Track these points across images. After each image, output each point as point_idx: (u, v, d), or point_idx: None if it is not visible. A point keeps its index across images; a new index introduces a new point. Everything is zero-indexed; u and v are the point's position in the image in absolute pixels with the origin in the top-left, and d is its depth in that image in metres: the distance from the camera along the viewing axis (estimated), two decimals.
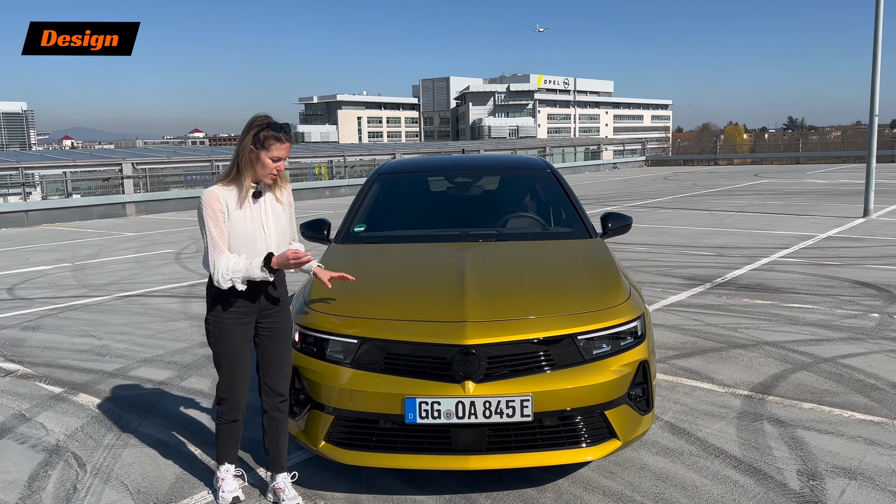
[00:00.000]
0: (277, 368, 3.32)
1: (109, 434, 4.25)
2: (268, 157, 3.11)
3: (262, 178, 3.16)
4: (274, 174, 3.16)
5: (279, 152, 3.12)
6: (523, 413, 3.09)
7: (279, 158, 3.13)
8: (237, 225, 3.13)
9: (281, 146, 3.12)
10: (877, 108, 13.03)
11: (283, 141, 3.11)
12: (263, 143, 3.09)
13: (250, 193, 3.17)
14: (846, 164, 35.27)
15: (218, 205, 3.12)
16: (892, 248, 9.92)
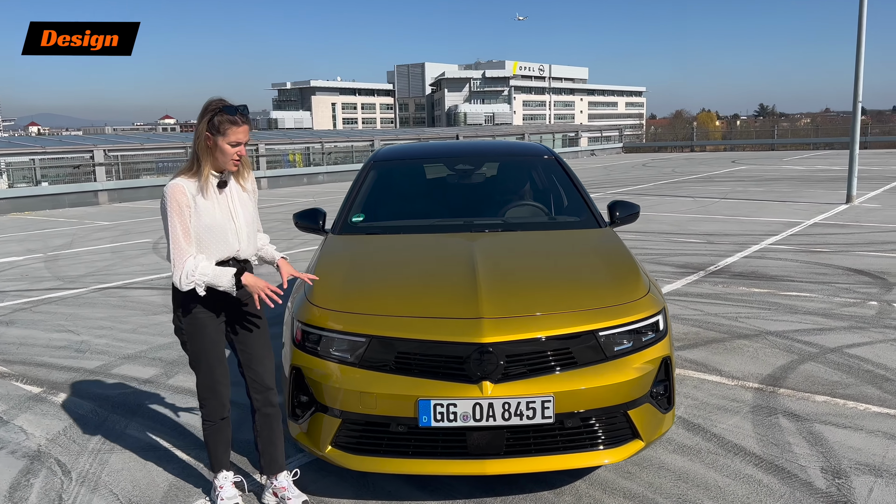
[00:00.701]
0: (261, 361, 3.17)
1: (94, 438, 4.01)
2: (226, 143, 2.90)
3: (224, 165, 2.95)
4: (236, 160, 2.95)
5: (237, 136, 2.90)
6: (544, 414, 2.92)
7: (238, 143, 2.92)
8: (205, 217, 2.93)
9: (238, 129, 2.90)
10: (860, 94, 13.03)
11: (239, 123, 2.89)
12: (219, 128, 2.88)
13: (215, 183, 2.98)
14: (820, 150, 35.64)
15: (183, 198, 2.89)
16: (879, 235, 9.92)
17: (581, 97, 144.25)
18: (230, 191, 3.03)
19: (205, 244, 2.96)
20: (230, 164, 2.94)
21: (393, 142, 29.88)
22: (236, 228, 3.02)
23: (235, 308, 3.11)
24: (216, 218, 2.95)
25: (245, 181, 3.10)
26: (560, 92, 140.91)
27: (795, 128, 57.90)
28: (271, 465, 3.24)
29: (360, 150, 28.64)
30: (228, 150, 2.91)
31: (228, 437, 3.25)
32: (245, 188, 3.09)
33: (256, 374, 3.17)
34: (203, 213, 2.93)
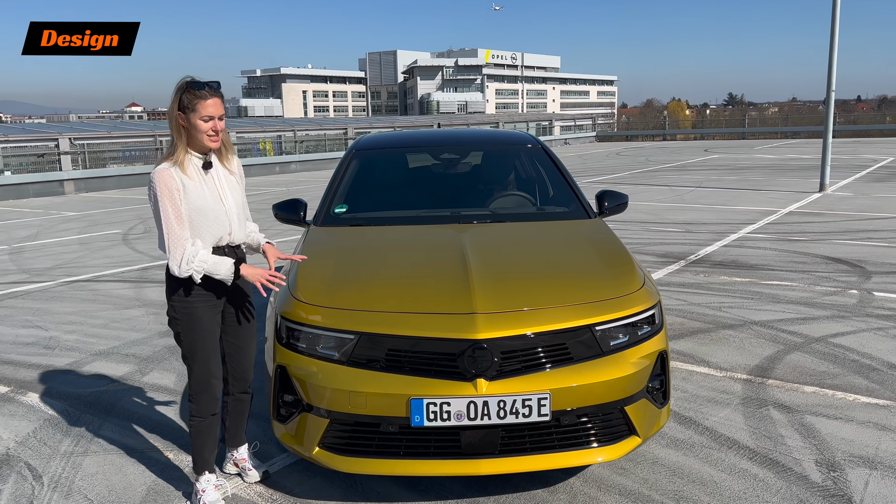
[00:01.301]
0: (244, 353, 3.20)
1: (66, 439, 3.83)
2: (198, 119, 2.83)
3: (203, 143, 2.87)
4: (215, 136, 2.87)
5: (207, 110, 2.82)
6: (541, 412, 2.82)
7: (211, 117, 2.83)
8: (197, 200, 2.87)
9: (206, 103, 2.81)
10: (833, 84, 13.13)
11: (207, 97, 2.81)
12: (188, 105, 2.81)
13: (199, 165, 2.92)
14: (789, 139, 36.08)
15: (172, 182, 2.84)
16: (854, 223, 10.01)
17: (553, 86, 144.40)
18: (217, 173, 2.98)
19: (197, 227, 2.89)
20: (208, 140, 2.87)
21: (367, 130, 29.57)
22: (226, 210, 2.97)
23: (231, 298, 3.08)
24: (207, 200, 2.90)
25: (230, 163, 3.04)
26: (532, 80, 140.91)
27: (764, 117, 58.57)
28: (234, 439, 3.33)
29: (332, 138, 28.31)
30: (202, 125, 2.84)
31: (216, 437, 3.15)
32: (232, 170, 3.04)
33: (240, 365, 3.17)
34: (193, 195, 2.87)
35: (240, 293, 3.10)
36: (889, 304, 5.92)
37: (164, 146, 23.14)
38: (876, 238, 8.87)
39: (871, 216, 10.59)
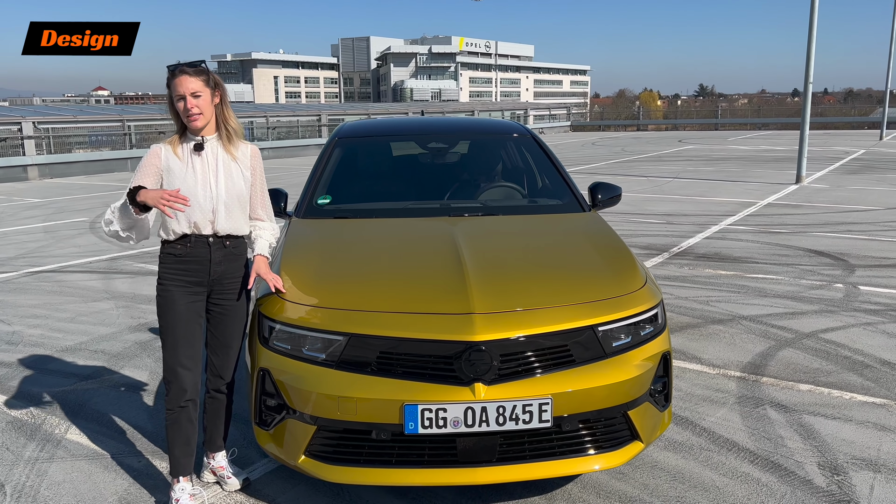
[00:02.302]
0: (225, 351, 3.01)
1: (31, 444, 3.60)
2: (174, 100, 2.76)
3: (187, 124, 2.78)
4: (192, 116, 2.75)
5: (178, 89, 2.73)
6: (542, 418, 2.67)
7: (181, 96, 2.73)
8: (177, 182, 2.81)
9: (175, 81, 2.73)
10: (811, 76, 13.15)
11: (177, 76, 2.72)
12: (168, 86, 2.76)
13: (191, 146, 2.83)
14: (761, 130, 36.39)
15: (155, 159, 2.82)
16: (833, 216, 10.03)
17: (527, 75, 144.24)
18: (215, 157, 2.86)
19: None
20: (186, 120, 2.78)
21: (341, 116, 29.14)
22: (213, 196, 2.83)
23: (218, 287, 2.92)
24: (186, 182, 2.80)
25: (236, 150, 2.90)
26: (506, 69, 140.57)
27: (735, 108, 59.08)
28: (210, 443, 3.16)
29: (305, 124, 27.86)
30: (177, 106, 2.76)
31: (188, 436, 2.95)
32: (235, 157, 2.90)
33: (218, 361, 3.03)
34: (177, 177, 2.81)
35: (228, 284, 2.94)
36: (875, 299, 5.88)
37: (131, 132, 22.55)
38: (855, 231, 8.88)
39: (848, 209, 10.63)
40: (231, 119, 2.89)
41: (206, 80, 2.77)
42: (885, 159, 18.73)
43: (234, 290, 2.96)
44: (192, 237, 2.83)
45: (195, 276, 2.87)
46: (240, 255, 2.97)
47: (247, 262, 3.00)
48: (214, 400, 3.07)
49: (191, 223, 2.81)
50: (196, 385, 2.93)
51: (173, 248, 2.85)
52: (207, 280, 2.89)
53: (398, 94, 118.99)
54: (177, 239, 2.84)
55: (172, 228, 2.82)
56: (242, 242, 3.00)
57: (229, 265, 2.92)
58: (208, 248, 2.86)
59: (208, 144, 2.86)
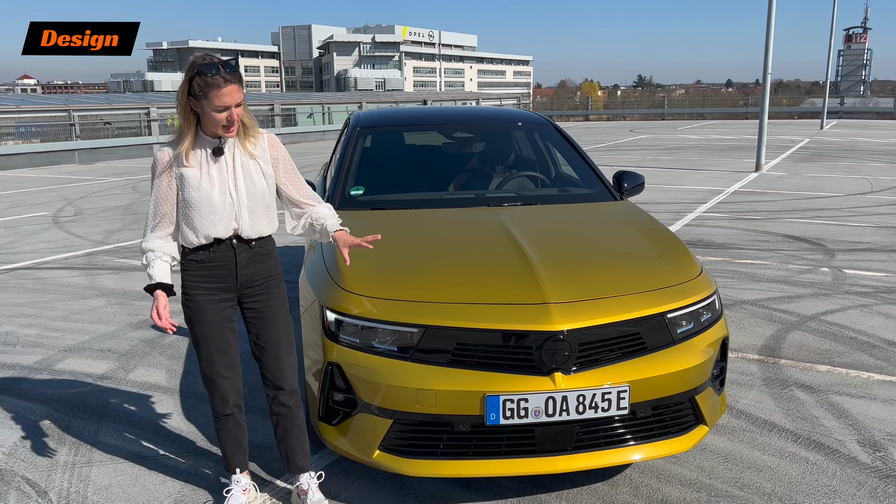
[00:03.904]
0: (275, 356, 2.76)
1: (63, 448, 3.45)
2: (211, 110, 2.45)
3: (222, 133, 2.52)
4: (232, 127, 2.49)
5: (223, 99, 2.43)
6: (619, 406, 2.70)
7: (226, 107, 2.44)
8: (193, 191, 2.55)
9: (222, 91, 2.42)
10: (770, 66, 13.55)
11: (221, 84, 2.41)
12: (200, 93, 2.43)
13: (209, 151, 2.56)
14: (706, 119, 37.35)
15: (164, 167, 2.58)
16: (798, 202, 10.38)
17: (471, 65, 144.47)
18: (232, 159, 2.59)
19: (188, 219, 2.58)
20: (223, 131, 2.51)
21: (293, 106, 28.66)
22: (235, 202, 2.59)
23: (249, 292, 2.71)
24: (203, 191, 2.55)
25: (254, 146, 2.63)
26: (450, 59, 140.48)
27: (677, 98, 60.45)
28: (288, 464, 2.91)
29: (258, 114, 27.26)
30: (216, 116, 2.47)
31: (239, 437, 2.87)
32: (253, 154, 2.61)
33: (269, 370, 2.79)
34: (191, 185, 2.55)
35: (260, 285, 2.72)
36: (863, 282, 6.13)
37: (76, 122, 21.69)
38: (824, 216, 9.21)
39: (811, 195, 11.01)
40: (246, 114, 2.58)
41: (241, 85, 2.50)
42: (831, 147, 19.47)
43: (268, 291, 2.74)
44: (214, 243, 2.61)
45: (221, 281, 2.65)
46: (268, 254, 2.74)
47: (278, 262, 2.79)
48: (281, 416, 2.82)
49: (210, 232, 2.58)
50: (238, 391, 2.80)
51: (196, 256, 2.63)
52: (235, 285, 2.67)
53: (342, 84, 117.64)
54: (198, 247, 2.62)
55: (189, 239, 2.60)
56: (270, 241, 2.75)
57: (257, 266, 2.69)
58: (233, 252, 2.63)
59: (226, 145, 2.59)
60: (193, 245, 2.61)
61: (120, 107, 22.90)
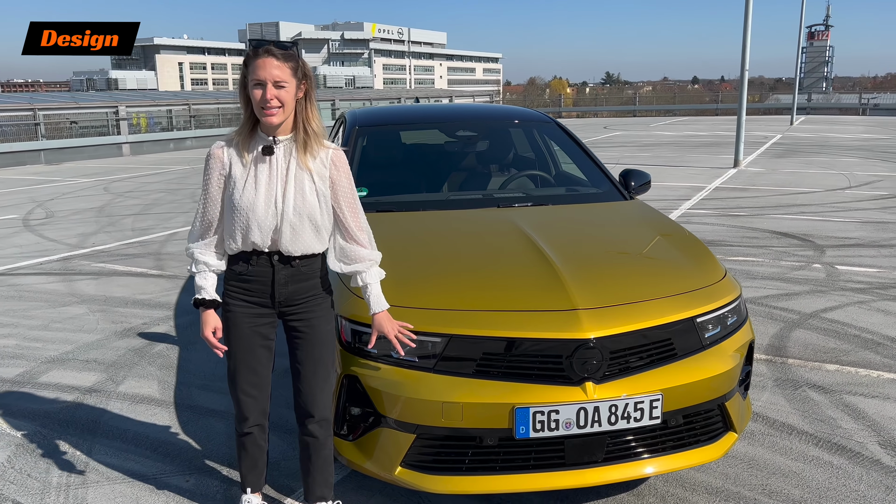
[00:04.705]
0: (307, 380, 2.53)
1: (54, 468, 3.25)
2: (251, 86, 2.27)
3: (261, 117, 2.30)
4: (272, 107, 2.25)
5: (258, 72, 2.24)
6: (652, 415, 2.59)
7: (260, 82, 2.24)
8: (237, 192, 2.35)
9: (257, 63, 2.24)
10: (747, 63, 13.63)
11: (259, 55, 2.24)
12: (243, 69, 2.29)
13: (259, 148, 2.36)
14: (676, 116, 37.69)
15: (216, 164, 2.38)
16: (781, 198, 10.43)
17: (440, 62, 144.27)
18: (286, 164, 2.37)
19: (229, 222, 2.39)
20: (267, 115, 2.27)
21: None
22: (277, 213, 2.35)
23: (285, 310, 2.50)
24: (247, 195, 2.34)
25: (312, 159, 2.38)
26: (420, 56, 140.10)
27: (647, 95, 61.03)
28: (307, 492, 2.71)
29: (228, 112, 26.80)
30: (253, 95, 2.27)
31: (255, 457, 2.69)
32: (310, 167, 2.37)
33: (300, 394, 2.57)
34: (234, 185, 2.36)
35: (301, 304, 2.49)
36: (856, 278, 6.13)
37: (41, 122, 21.08)
38: (808, 212, 9.26)
39: (792, 191, 11.08)
40: (314, 119, 2.37)
41: (295, 69, 2.29)
42: (804, 143, 19.71)
43: (310, 311, 2.50)
44: (253, 254, 2.42)
45: (258, 296, 2.46)
46: (311, 274, 2.48)
47: (325, 280, 2.55)
48: (307, 445, 2.60)
49: (249, 243, 2.39)
50: (263, 412, 2.61)
51: (236, 265, 2.46)
52: (272, 302, 2.47)
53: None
54: (238, 254, 2.44)
55: (230, 245, 2.42)
56: (316, 260, 2.49)
57: (298, 285, 2.46)
58: (272, 269, 2.42)
59: (280, 147, 2.37)
60: (233, 251, 2.43)
61: (87, 105, 22.34)
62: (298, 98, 2.35)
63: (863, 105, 39.01)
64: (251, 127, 2.37)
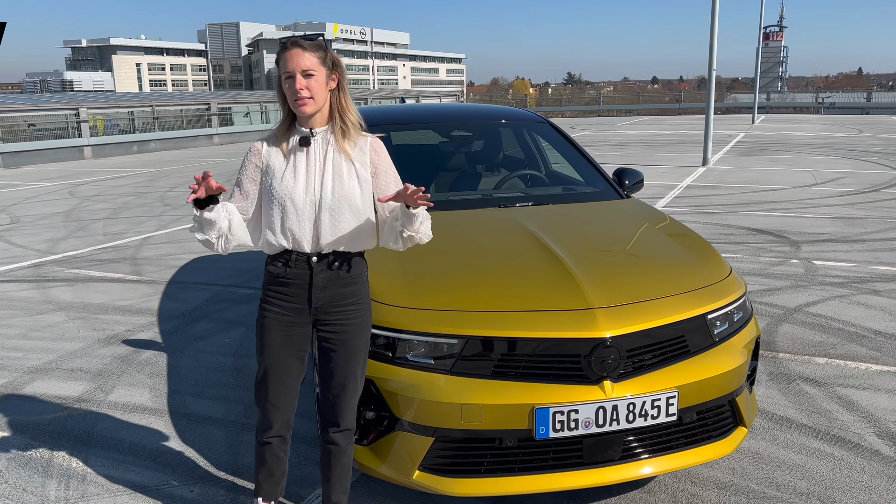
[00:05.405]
0: (336, 392, 2.46)
1: (51, 483, 3.14)
2: (282, 80, 2.31)
3: (295, 109, 2.32)
4: (303, 97, 2.27)
5: (290, 64, 2.26)
6: (668, 412, 2.61)
7: (289, 74, 2.27)
8: (276, 182, 2.36)
9: (288, 54, 2.27)
10: (714, 63, 13.87)
11: (288, 48, 2.28)
12: (278, 63, 2.32)
13: (296, 140, 2.38)
14: (640, 116, 38.19)
15: (254, 157, 2.41)
16: (752, 195, 10.62)
17: (404, 62, 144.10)
18: (324, 154, 2.37)
19: (269, 216, 2.38)
20: (299, 105, 2.29)
21: (229, 105, 27.83)
22: (316, 200, 2.34)
23: (321, 317, 2.43)
24: (285, 184, 2.34)
25: (352, 146, 2.40)
26: (383, 57, 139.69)
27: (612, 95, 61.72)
28: (325, 499, 2.65)
29: (194, 114, 26.36)
30: (285, 88, 2.31)
31: (272, 467, 2.62)
32: (349, 154, 2.38)
33: (326, 404, 2.51)
34: (273, 175, 2.37)
35: (337, 313, 2.42)
36: (834, 272, 6.26)
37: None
38: (780, 209, 9.44)
39: (762, 188, 11.29)
40: (350, 110, 2.40)
41: (323, 58, 2.31)
42: (766, 141, 20.13)
43: (346, 321, 2.42)
44: (293, 254, 2.37)
45: (294, 301, 2.39)
46: (352, 279, 2.41)
47: (365, 289, 2.48)
48: (328, 452, 2.55)
49: (287, 233, 2.35)
50: (286, 423, 2.55)
51: (273, 266, 2.41)
52: (309, 308, 2.40)
53: (273, 82, 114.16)
54: (277, 255, 2.40)
55: (268, 239, 2.38)
56: (358, 263, 2.44)
57: (336, 290, 2.39)
58: (309, 271, 2.37)
59: (317, 138, 2.38)
60: (273, 248, 2.38)
61: (47, 107, 21.73)
62: (331, 89, 2.38)
63: (819, 104, 40.03)
64: (289, 124, 2.40)
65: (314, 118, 2.37)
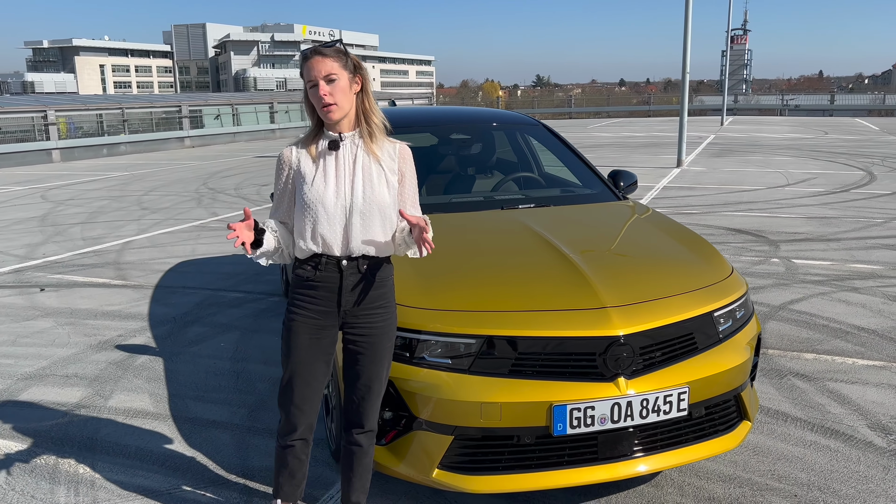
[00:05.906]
0: (361, 394, 2.49)
1: (59, 489, 3.12)
2: (308, 88, 2.35)
3: (322, 116, 2.36)
4: (328, 102, 2.31)
5: (313, 71, 2.30)
6: (679, 407, 2.69)
7: (312, 82, 2.31)
8: (307, 187, 2.38)
9: (310, 62, 2.31)
10: (688, 66, 14.11)
11: (308, 57, 2.32)
12: (302, 74, 2.36)
13: (325, 144, 2.40)
14: (611, 118, 38.63)
15: (284, 164, 2.44)
16: (727, 196, 10.84)
17: (373, 64, 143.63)
18: (353, 157, 2.39)
19: (300, 221, 2.40)
20: (325, 112, 2.33)
21: (200, 107, 27.52)
22: (346, 205, 2.36)
23: (349, 320, 2.45)
24: (316, 189, 2.37)
25: (379, 148, 2.43)
26: None
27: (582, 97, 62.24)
28: (344, 498, 2.66)
29: (164, 116, 26.01)
30: (312, 95, 2.35)
31: (293, 470, 2.61)
32: (378, 156, 2.41)
33: (351, 405, 2.53)
34: (303, 180, 2.40)
35: (364, 316, 2.44)
36: (813, 271, 6.44)
37: None
38: (756, 209, 9.66)
39: (736, 189, 11.53)
40: (375, 112, 2.43)
41: (344, 63, 2.33)
42: (736, 143, 20.53)
43: (373, 324, 2.45)
44: (322, 258, 2.38)
45: (323, 304, 2.40)
46: (378, 282, 2.44)
47: (391, 292, 2.51)
48: (350, 452, 2.56)
49: (318, 237, 2.37)
50: (310, 426, 2.55)
51: (302, 269, 2.42)
52: (338, 311, 2.42)
53: (241, 84, 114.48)
54: (307, 259, 2.41)
55: (299, 244, 2.41)
56: (385, 268, 2.47)
57: (365, 294, 2.41)
58: (339, 274, 2.39)
59: (346, 142, 2.40)
60: (304, 252, 2.40)
61: (13, 110, 21.29)
62: (356, 93, 2.41)
63: (783, 106, 40.89)
64: (317, 131, 2.43)
65: (342, 123, 2.40)
